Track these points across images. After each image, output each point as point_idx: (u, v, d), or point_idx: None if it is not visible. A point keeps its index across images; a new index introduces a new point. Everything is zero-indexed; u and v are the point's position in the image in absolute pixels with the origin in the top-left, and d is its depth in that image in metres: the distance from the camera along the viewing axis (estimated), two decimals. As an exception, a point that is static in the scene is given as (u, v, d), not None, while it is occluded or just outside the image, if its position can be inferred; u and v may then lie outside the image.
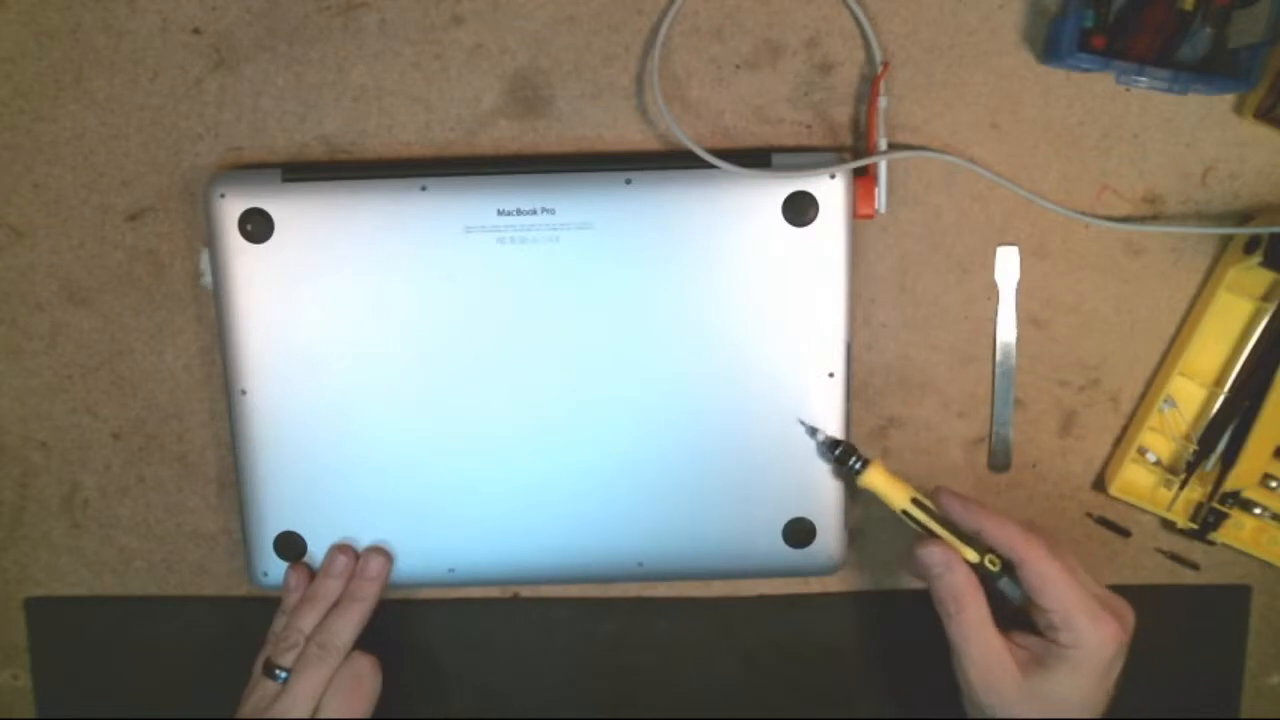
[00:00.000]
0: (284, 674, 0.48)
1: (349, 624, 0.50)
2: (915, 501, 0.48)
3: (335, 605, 0.50)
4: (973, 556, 0.47)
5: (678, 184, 0.49)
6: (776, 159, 0.49)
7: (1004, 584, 0.47)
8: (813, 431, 0.50)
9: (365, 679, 0.49)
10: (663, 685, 0.58)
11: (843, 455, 0.49)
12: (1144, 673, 0.47)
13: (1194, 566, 0.56)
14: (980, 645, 0.46)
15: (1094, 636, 0.44)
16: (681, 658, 0.57)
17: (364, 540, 0.52)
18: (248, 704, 0.49)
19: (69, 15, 0.51)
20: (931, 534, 0.48)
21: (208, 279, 0.52)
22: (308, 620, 0.50)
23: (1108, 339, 0.54)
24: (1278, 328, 0.51)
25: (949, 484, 0.55)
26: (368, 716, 0.49)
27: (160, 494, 0.55)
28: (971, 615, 0.46)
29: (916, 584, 0.56)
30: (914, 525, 0.48)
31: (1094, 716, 0.45)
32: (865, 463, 0.49)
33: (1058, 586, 0.45)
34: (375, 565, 0.51)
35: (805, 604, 0.56)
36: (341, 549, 0.52)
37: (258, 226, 0.49)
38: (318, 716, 0.48)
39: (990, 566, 0.47)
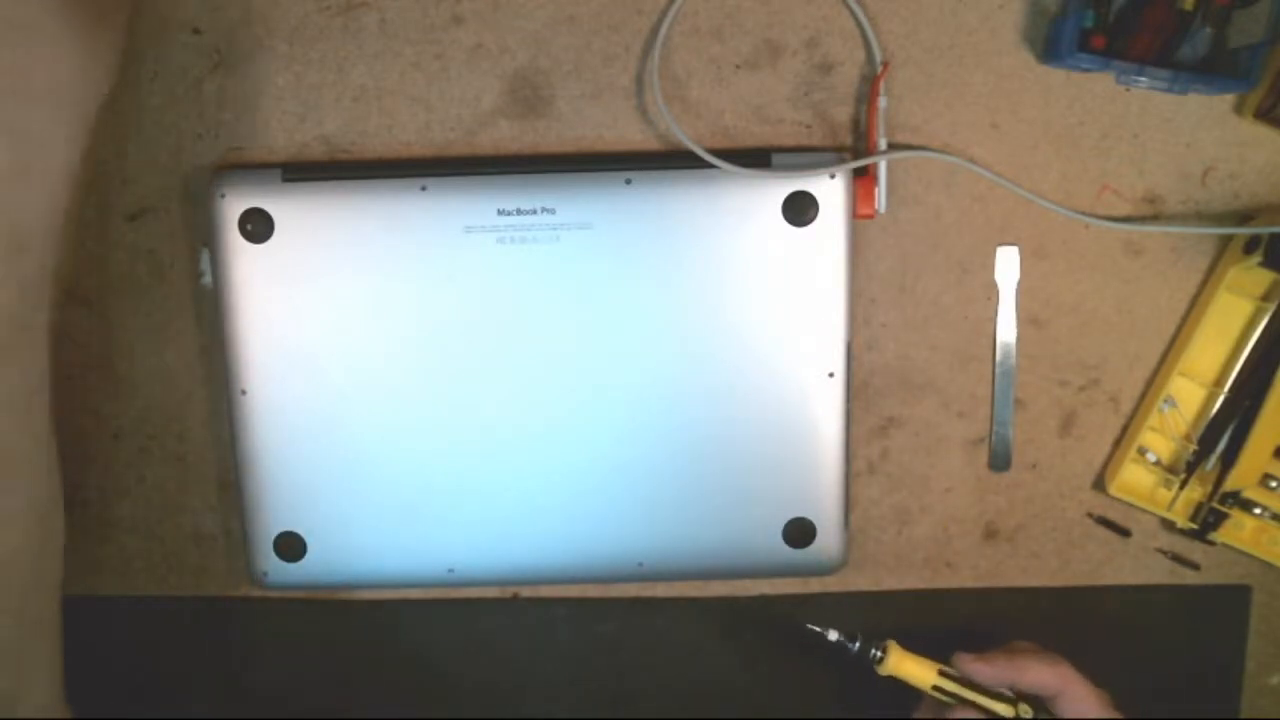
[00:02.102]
0: None
1: None
2: (941, 673, 0.49)
3: None
4: (1009, 712, 0.48)
5: (678, 184, 0.49)
6: (776, 159, 0.49)
7: None
8: (825, 632, 0.49)
9: None
10: (663, 685, 0.58)
11: (862, 649, 0.49)
12: (1144, 673, 0.47)
13: (1194, 566, 0.56)
14: None
15: None
16: (681, 658, 0.57)
17: (364, 540, 0.52)
18: None
19: (69, 15, 0.51)
20: (964, 701, 0.48)
21: (208, 279, 0.52)
22: None
23: (1108, 339, 0.54)
24: (1278, 328, 0.51)
25: (950, 489, 0.55)
26: None
27: (160, 494, 0.55)
28: None
29: (916, 585, 0.56)
30: (946, 698, 0.48)
31: None
32: (884, 650, 0.49)
33: (1095, 703, 0.47)
34: None
35: (805, 604, 0.56)
36: None
37: (258, 226, 0.49)
38: None
39: (1024, 716, 0.48)
